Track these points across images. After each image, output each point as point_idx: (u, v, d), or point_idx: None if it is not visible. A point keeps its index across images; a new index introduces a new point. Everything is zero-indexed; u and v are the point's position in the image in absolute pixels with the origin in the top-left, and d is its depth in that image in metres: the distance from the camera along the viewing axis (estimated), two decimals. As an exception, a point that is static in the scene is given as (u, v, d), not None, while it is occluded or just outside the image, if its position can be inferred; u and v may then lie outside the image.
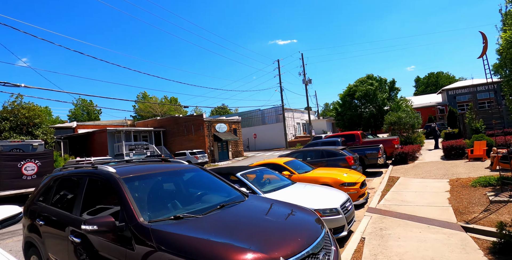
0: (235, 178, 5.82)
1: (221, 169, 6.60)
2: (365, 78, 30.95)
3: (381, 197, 7.72)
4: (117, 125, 37.49)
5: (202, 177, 3.99)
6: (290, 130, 44.61)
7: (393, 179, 10.15)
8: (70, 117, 56.26)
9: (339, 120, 32.75)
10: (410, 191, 7.95)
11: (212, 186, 3.88)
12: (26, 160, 13.65)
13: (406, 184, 9.03)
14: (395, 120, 19.24)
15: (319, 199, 5.20)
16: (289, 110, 44.77)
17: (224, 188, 3.85)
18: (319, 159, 10.71)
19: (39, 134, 25.63)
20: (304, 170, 8.49)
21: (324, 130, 46.03)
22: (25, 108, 25.97)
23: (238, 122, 35.95)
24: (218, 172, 6.38)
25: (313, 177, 7.65)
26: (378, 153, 12.14)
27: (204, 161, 26.71)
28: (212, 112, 79.09)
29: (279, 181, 6.43)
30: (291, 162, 8.73)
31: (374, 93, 28.77)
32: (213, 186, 3.88)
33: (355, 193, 7.16)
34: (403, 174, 10.83)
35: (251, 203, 3.37)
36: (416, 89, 79.77)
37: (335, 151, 10.63)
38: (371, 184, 10.26)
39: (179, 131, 32.58)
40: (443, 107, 46.57)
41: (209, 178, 4.00)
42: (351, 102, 31.03)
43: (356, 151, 12.22)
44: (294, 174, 8.00)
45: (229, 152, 33.51)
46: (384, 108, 29.31)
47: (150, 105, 52.26)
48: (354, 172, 8.29)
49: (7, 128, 24.37)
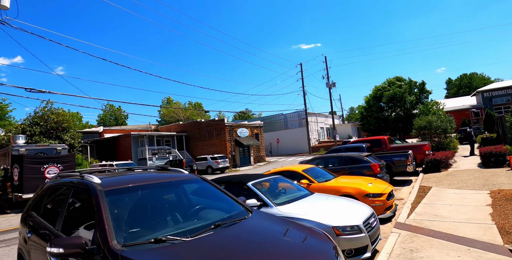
0: (247, 187, 5.33)
1: (232, 177, 6.13)
2: (393, 80, 29.52)
3: (411, 209, 6.93)
4: (142, 130, 38.19)
5: (201, 189, 3.54)
6: (314, 135, 43.59)
7: (424, 188, 9.24)
8: (99, 122, 58.27)
9: (365, 124, 31.42)
10: (445, 204, 7.09)
11: (211, 200, 3.42)
12: (49, 164, 13.90)
13: (440, 195, 8.13)
14: (425, 125, 18.01)
15: (338, 213, 4.59)
16: (312, 114, 43.82)
17: (225, 202, 3.37)
18: (342, 166, 9.99)
19: (67, 138, 26.46)
20: (324, 178, 7.86)
21: (349, 135, 44.58)
22: (54, 114, 26.98)
23: (260, 127, 35.53)
24: (229, 180, 5.93)
25: (334, 187, 7.01)
26: (407, 159, 11.21)
27: (225, 166, 26.44)
28: (235, 117, 79.33)
29: (295, 191, 5.86)
30: (311, 170, 8.12)
31: (402, 96, 27.33)
32: (213, 200, 3.42)
33: (381, 205, 6.45)
34: (436, 184, 9.87)
35: (253, 223, 2.86)
36: (448, 92, 76.00)
37: (359, 157, 9.87)
38: (399, 194, 9.41)
39: (201, 136, 32.62)
40: (477, 111, 43.79)
41: (209, 190, 3.54)
42: (378, 105, 29.67)
43: (382, 158, 11.36)
44: (313, 182, 7.39)
45: (251, 157, 33.10)
46: (413, 112, 27.77)
47: (173, 110, 53.09)
48: (380, 181, 7.56)
49: (38, 132, 25.32)
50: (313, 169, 8.28)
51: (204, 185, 3.58)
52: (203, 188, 3.56)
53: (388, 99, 28.35)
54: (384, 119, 29.19)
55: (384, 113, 29.16)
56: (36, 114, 27.04)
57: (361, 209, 4.90)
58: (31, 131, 25.33)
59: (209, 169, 26.12)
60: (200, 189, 3.54)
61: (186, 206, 3.21)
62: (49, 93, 15.14)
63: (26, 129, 25.38)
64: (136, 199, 2.93)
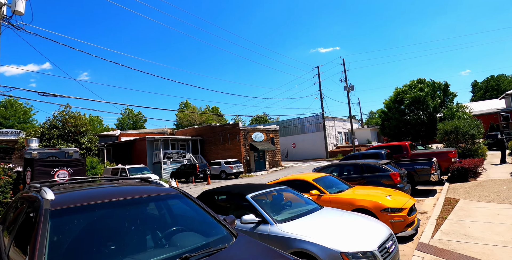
0: (246, 200, 4.73)
1: (233, 187, 5.55)
2: (414, 82, 28.15)
3: (436, 227, 6.10)
4: (157, 134, 38.38)
5: (179, 207, 2.99)
6: (331, 139, 42.43)
7: (450, 201, 8.32)
8: (118, 126, 59.38)
9: (384, 128, 30.06)
10: (476, 221, 6.22)
11: (189, 221, 2.87)
12: (59, 167, 13.79)
13: (469, 209, 7.22)
14: (451, 130, 16.81)
15: (350, 234, 3.91)
16: (330, 118, 42.72)
17: (206, 223, 2.81)
18: (358, 174, 9.20)
19: (84, 141, 26.80)
20: (338, 188, 7.15)
21: (368, 139, 43.10)
22: (72, 118, 27.45)
23: (275, 131, 34.84)
24: (228, 191, 5.37)
25: (348, 199, 6.30)
26: (431, 168, 10.26)
27: (239, 171, 25.94)
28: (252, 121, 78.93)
29: (302, 205, 5.21)
30: (323, 179, 7.43)
31: (425, 99, 25.94)
32: (192, 220, 2.87)
33: (401, 221, 5.69)
34: (464, 195, 8.90)
35: (233, 254, 2.26)
36: (474, 95, 72.54)
37: (377, 165, 9.05)
38: (422, 206, 8.53)
39: (216, 140, 32.31)
40: (507, 114, 41.27)
41: (190, 207, 2.98)
42: (398, 108, 28.32)
43: (403, 166, 10.48)
44: (324, 193, 6.71)
45: (266, 161, 32.44)
46: (436, 116, 26.28)
47: (188, 114, 53.25)
48: (400, 193, 6.77)
49: (56, 136, 25.77)
50: (325, 178, 7.59)
51: (184, 202, 3.03)
52: (183, 205, 3.01)
53: (409, 103, 27.02)
54: (405, 123, 27.81)
55: (405, 117, 27.79)
56: (55, 118, 27.62)
57: (378, 228, 4.20)
58: (50, 134, 25.80)
59: (222, 173, 25.68)
60: (179, 206, 2.99)
61: (156, 229, 2.65)
62: (61, 97, 15.19)
63: (45, 132, 25.88)
64: (91, 222, 2.41)
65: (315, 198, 6.68)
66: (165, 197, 2.99)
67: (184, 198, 3.07)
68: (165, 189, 3.10)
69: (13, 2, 13.56)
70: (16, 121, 45.59)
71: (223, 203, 5.38)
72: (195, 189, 19.15)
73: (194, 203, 3.03)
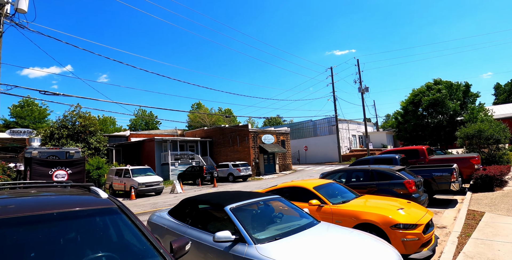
0: (224, 212, 3.96)
1: (213, 196, 4.77)
2: (431, 84, 26.66)
3: (457, 247, 5.15)
4: (167, 135, 38.13)
5: (106, 227, 2.23)
6: (345, 143, 41.10)
7: (474, 214, 7.28)
8: (130, 127, 59.76)
9: (400, 132, 28.63)
10: (507, 241, 5.21)
11: (113, 247, 2.10)
12: (57, 167, 13.44)
13: (497, 226, 6.19)
14: (473, 133, 15.52)
15: (346, 262, 3.07)
16: (343, 121, 41.42)
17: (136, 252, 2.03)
18: (368, 182, 8.25)
19: (92, 141, 26.72)
20: (342, 198, 6.27)
21: (383, 144, 41.53)
22: (82, 118, 27.43)
23: (286, 134, 33.91)
24: (207, 200, 4.62)
25: (352, 211, 5.43)
26: (451, 175, 9.18)
27: (247, 174, 25.17)
28: (265, 123, 78.14)
29: (294, 219, 4.39)
30: (326, 186, 6.56)
31: (444, 101, 24.45)
32: (116, 247, 2.10)
33: (416, 240, 4.78)
34: (490, 208, 7.82)
35: None
36: (496, 98, 69.30)
37: (389, 172, 8.08)
38: (440, 219, 7.52)
39: (225, 142, 31.69)
40: (534, 119, 38.92)
41: (120, 229, 2.23)
42: (415, 111, 26.86)
43: (419, 172, 9.44)
44: (326, 204, 5.85)
45: (276, 164, 31.55)
46: (456, 119, 24.75)
47: (199, 115, 52.93)
48: (415, 206, 5.83)
49: (65, 135, 25.74)
50: (329, 185, 6.71)
51: (116, 220, 2.28)
52: (113, 224, 2.26)
53: (427, 105, 25.58)
54: (422, 126, 26.35)
55: (423, 120, 26.34)
56: (65, 118, 27.68)
57: (383, 254, 3.34)
58: (59, 133, 25.80)
59: (230, 176, 24.99)
60: (107, 225, 2.24)
61: (63, 257, 1.91)
62: (63, 96, 14.80)
63: (55, 132, 25.90)
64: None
65: (315, 208, 5.84)
66: (91, 212, 2.25)
67: (119, 215, 2.32)
68: (97, 202, 2.37)
69: (16, 0, 13.35)
70: (31, 121, 46.43)
71: (203, 215, 4.63)
72: (200, 192, 18.53)
73: (131, 222, 2.28)
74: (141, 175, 18.19)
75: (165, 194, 18.46)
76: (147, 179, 17.76)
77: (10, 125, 44.02)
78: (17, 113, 46.42)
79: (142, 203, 14.75)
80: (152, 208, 12.52)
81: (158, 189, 18.10)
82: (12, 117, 46.99)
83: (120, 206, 2.43)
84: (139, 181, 17.32)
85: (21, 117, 46.36)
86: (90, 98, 17.02)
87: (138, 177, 17.76)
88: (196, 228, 4.29)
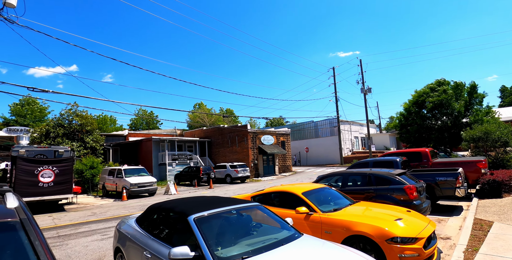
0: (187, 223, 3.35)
1: (178, 203, 4.13)
2: (434, 85, 25.83)
3: (464, 264, 4.50)
4: (166, 135, 37.61)
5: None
6: (347, 144, 40.36)
7: (481, 224, 6.61)
8: (131, 127, 59.37)
9: (403, 133, 27.79)
10: (521, 258, 4.56)
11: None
12: (44, 166, 12.93)
13: (508, 239, 5.52)
14: (480, 136, 14.78)
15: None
16: (345, 122, 40.69)
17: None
18: (365, 186, 7.59)
19: (89, 140, 26.23)
20: (335, 205, 5.65)
21: (386, 146, 40.72)
22: (78, 116, 26.97)
23: (286, 135, 33.23)
24: (172, 207, 4.01)
25: (344, 221, 4.79)
26: (456, 180, 8.51)
27: (245, 175, 24.55)
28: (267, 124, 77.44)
29: (273, 231, 3.76)
30: (316, 192, 5.93)
31: (449, 102, 23.62)
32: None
33: (415, 256, 4.15)
34: (499, 217, 7.14)
35: None
36: (502, 100, 68.18)
37: (388, 176, 7.43)
38: (444, 228, 6.86)
39: (224, 142, 31.11)
40: (542, 122, 37.96)
41: (16, 250, 1.63)
42: (419, 112, 26.04)
43: (422, 177, 8.78)
44: (315, 212, 5.22)
45: (276, 166, 30.89)
46: (461, 121, 23.88)
47: (198, 115, 52.39)
48: (416, 215, 5.19)
49: (61, 134, 25.26)
50: (320, 190, 6.08)
51: (8, 239, 1.68)
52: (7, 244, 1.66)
53: (432, 107, 24.74)
54: (426, 128, 25.50)
55: (427, 122, 25.49)
56: (61, 116, 27.23)
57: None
58: (55, 132, 25.33)
59: (227, 177, 24.38)
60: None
61: None
62: (53, 93, 14.29)
63: (50, 130, 25.45)
64: None
65: (303, 217, 5.23)
66: None
67: (14, 232, 1.73)
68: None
69: (3, -7, 12.87)
70: (31, 120, 46.17)
71: (168, 224, 4.00)
72: (195, 194, 17.93)
73: (28, 241, 1.68)
74: (134, 175, 17.65)
75: (158, 195, 17.90)
76: (140, 180, 17.22)
77: (9, 123, 43.75)
78: (17, 112, 46.19)
79: (132, 204, 14.19)
80: (140, 211, 11.94)
81: (151, 190, 17.55)
82: (12, 115, 46.78)
83: (23, 220, 1.84)
84: (131, 181, 16.78)
85: (21, 115, 46.12)
86: (86, 96, 16.47)
87: (131, 178, 17.22)
88: (158, 239, 3.70)
